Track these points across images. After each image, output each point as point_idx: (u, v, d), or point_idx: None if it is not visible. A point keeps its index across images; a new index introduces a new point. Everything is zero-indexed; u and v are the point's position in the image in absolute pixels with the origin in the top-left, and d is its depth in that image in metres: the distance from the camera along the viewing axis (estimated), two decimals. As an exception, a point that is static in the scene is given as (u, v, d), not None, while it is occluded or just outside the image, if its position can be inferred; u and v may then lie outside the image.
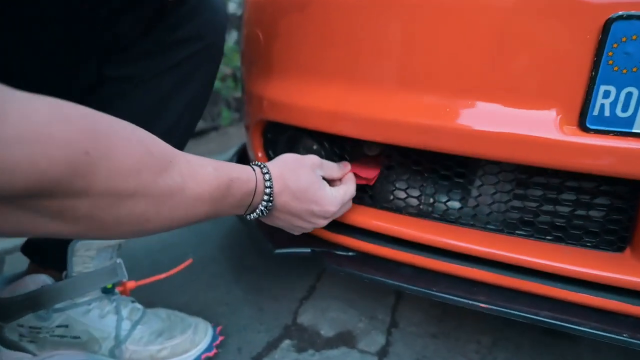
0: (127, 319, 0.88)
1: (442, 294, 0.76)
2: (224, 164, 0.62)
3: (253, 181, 0.64)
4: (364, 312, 1.03)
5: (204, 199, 0.55)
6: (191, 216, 0.55)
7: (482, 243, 0.74)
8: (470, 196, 0.77)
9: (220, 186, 0.58)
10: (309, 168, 0.71)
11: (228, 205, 0.61)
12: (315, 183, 0.70)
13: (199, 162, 0.57)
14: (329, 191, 0.73)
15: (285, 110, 0.85)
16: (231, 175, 0.60)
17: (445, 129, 0.67)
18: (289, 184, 0.68)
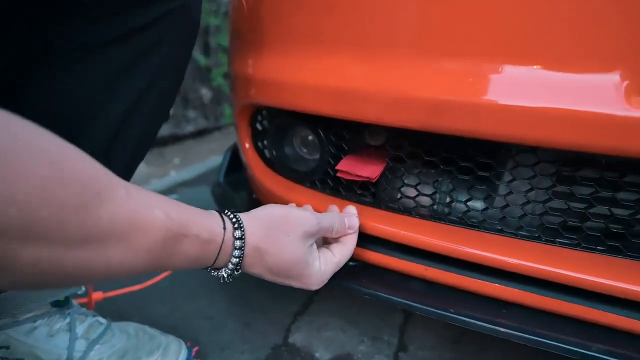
0: (83, 337, 0.73)
1: (461, 316, 0.60)
2: (182, 208, 0.47)
3: (216, 244, 0.50)
4: (367, 332, 0.87)
5: (138, 254, 0.41)
6: (112, 271, 0.41)
7: (512, 253, 0.58)
8: (497, 194, 0.60)
9: (166, 241, 0.44)
10: (299, 239, 0.56)
11: (174, 262, 0.47)
12: (301, 262, 0.57)
13: (146, 200, 0.43)
14: (318, 267, 0.60)
15: (274, 90, 0.70)
16: (186, 230, 0.46)
17: (468, 105, 0.51)
18: (266, 258, 0.54)
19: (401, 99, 0.55)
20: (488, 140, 0.54)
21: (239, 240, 0.52)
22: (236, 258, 0.52)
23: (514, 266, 0.57)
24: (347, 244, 0.65)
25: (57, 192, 0.33)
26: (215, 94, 2.27)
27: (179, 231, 0.45)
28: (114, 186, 0.39)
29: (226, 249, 0.51)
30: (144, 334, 0.79)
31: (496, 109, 0.50)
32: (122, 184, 0.41)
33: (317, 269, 0.59)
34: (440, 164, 0.62)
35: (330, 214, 0.63)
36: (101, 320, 0.77)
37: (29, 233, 0.32)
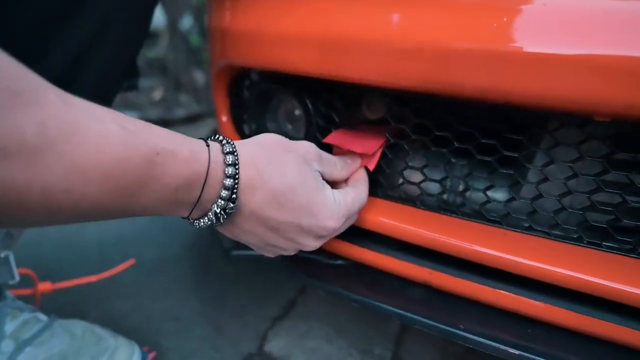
0: (12, 337, 0.60)
1: (474, 335, 0.46)
2: (148, 126, 0.35)
3: (202, 161, 0.37)
4: (356, 343, 0.72)
5: (88, 179, 0.31)
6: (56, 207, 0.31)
7: (544, 259, 0.44)
8: (527, 182, 0.46)
9: (129, 161, 0.32)
10: (302, 157, 0.45)
11: (149, 197, 0.35)
12: (309, 181, 0.44)
13: (92, 110, 0.32)
14: (331, 196, 0.46)
15: (252, 44, 0.56)
16: (157, 145, 0.34)
17: (492, 54, 0.37)
18: (265, 177, 0.41)
19: (407, 49, 0.41)
20: (519, 107, 0.40)
21: (231, 156, 0.39)
22: (230, 178, 0.39)
23: (545, 274, 0.44)
24: (357, 184, 0.51)
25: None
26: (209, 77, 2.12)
27: (146, 147, 0.33)
28: (43, 89, 0.30)
29: (215, 167, 0.38)
30: (92, 335, 0.66)
31: (525, 59, 0.36)
32: (56, 91, 0.30)
33: (331, 199, 0.46)
34: (454, 141, 0.47)
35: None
36: (40, 317, 0.64)
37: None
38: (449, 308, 0.50)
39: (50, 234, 1.06)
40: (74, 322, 0.67)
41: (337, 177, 0.50)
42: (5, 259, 0.60)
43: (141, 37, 0.61)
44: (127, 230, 1.10)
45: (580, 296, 0.43)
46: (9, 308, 0.62)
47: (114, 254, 1.00)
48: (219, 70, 0.67)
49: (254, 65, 0.58)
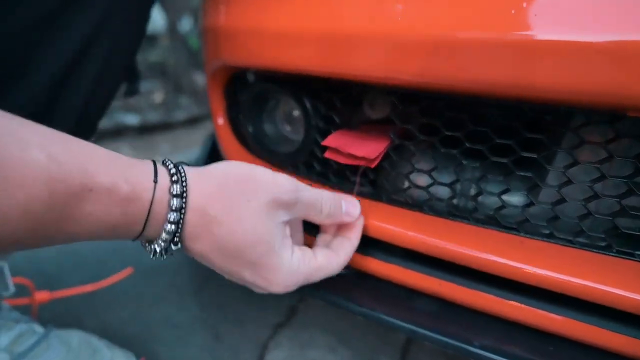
0: (6, 350, 0.56)
1: (490, 353, 0.41)
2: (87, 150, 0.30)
3: (144, 200, 0.32)
4: (361, 353, 0.67)
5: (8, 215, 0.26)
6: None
7: (568, 269, 0.39)
8: (546, 185, 0.41)
9: (53, 197, 0.27)
10: (264, 207, 0.37)
11: (79, 230, 0.30)
12: (262, 242, 0.37)
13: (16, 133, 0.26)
14: (288, 260, 0.39)
15: (248, 43, 0.51)
16: (92, 181, 0.29)
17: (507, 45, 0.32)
18: (213, 228, 0.35)
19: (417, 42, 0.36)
20: (541, 103, 0.35)
21: (177, 199, 0.33)
22: (172, 224, 0.34)
23: (568, 286, 0.38)
24: (338, 252, 0.44)
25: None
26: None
27: (78, 183, 0.28)
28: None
29: (159, 210, 0.33)
30: (88, 346, 0.62)
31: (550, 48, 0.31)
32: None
33: (286, 263, 0.39)
34: (466, 141, 0.42)
35: (319, 190, 0.43)
36: (36, 329, 0.60)
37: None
38: (461, 322, 0.45)
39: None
40: (71, 332, 0.63)
41: (318, 223, 0.44)
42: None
43: (138, 39, 0.57)
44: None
45: (609, 312, 0.37)
46: (3, 320, 0.58)
47: (113, 259, 0.95)
48: (214, 71, 0.62)
49: (250, 65, 0.53)
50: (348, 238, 0.45)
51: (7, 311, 0.60)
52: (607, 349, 0.39)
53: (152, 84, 2.06)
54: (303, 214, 0.40)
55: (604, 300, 0.37)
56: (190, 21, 2.11)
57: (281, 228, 0.38)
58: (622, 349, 0.38)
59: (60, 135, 0.29)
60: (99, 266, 0.92)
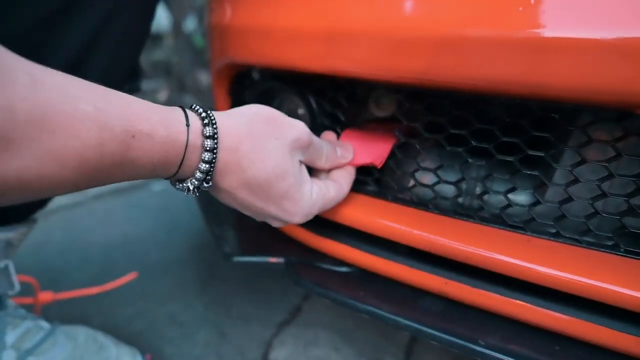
0: (13, 347, 0.55)
1: (496, 352, 0.40)
2: (125, 100, 0.32)
3: (180, 142, 0.34)
4: (365, 352, 0.67)
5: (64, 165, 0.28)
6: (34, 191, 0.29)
7: (575, 268, 0.38)
8: (553, 184, 0.40)
9: (104, 145, 0.30)
10: (288, 146, 0.40)
11: (126, 175, 0.33)
12: (288, 175, 0.40)
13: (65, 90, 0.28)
14: (308, 192, 0.43)
15: (254, 41, 0.50)
16: (133, 128, 0.31)
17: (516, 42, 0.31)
18: (244, 164, 0.38)
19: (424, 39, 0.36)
20: (548, 101, 0.35)
21: (210, 140, 0.35)
22: (206, 164, 0.36)
23: (575, 286, 0.38)
24: (341, 181, 0.48)
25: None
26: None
27: (122, 130, 0.30)
28: (12, 68, 0.26)
29: (193, 151, 0.35)
30: (94, 343, 0.61)
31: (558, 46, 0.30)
32: (26, 67, 0.27)
33: (307, 194, 0.43)
34: (472, 139, 0.42)
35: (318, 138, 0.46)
36: (43, 325, 0.59)
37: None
38: (467, 321, 0.44)
39: (55, 237, 1.01)
40: (77, 328, 0.63)
41: (319, 167, 0.47)
42: (4, 269, 0.56)
43: (142, 38, 0.57)
44: (131, 232, 1.05)
45: (617, 311, 0.37)
46: (10, 317, 0.57)
47: (118, 256, 0.95)
48: (219, 69, 0.61)
49: (256, 63, 0.52)
50: (345, 170, 0.48)
51: (12, 308, 0.60)
52: (613, 349, 0.38)
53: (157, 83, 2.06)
54: (310, 158, 0.44)
55: (611, 300, 0.37)
56: (194, 20, 2.11)
57: (300, 166, 0.42)
58: (629, 349, 0.37)
59: (101, 88, 0.31)
60: (105, 263, 0.92)
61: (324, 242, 0.54)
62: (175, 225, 1.08)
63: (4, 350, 0.55)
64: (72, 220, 1.11)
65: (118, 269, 0.89)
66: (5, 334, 0.56)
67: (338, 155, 0.47)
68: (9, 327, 0.57)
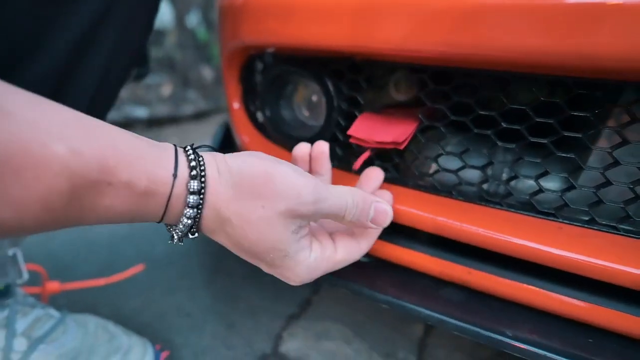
0: (24, 335, 0.54)
1: (525, 344, 0.38)
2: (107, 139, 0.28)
3: (159, 197, 0.30)
4: (377, 346, 0.64)
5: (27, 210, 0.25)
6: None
7: (611, 256, 0.35)
8: (587, 167, 0.38)
9: (75, 191, 0.26)
10: (278, 216, 0.33)
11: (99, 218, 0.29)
12: (275, 249, 0.34)
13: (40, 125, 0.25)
14: (306, 260, 0.36)
15: (270, 21, 0.48)
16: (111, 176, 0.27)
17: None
18: (229, 230, 0.33)
19: (450, 10, 0.33)
20: (585, 76, 0.32)
21: (194, 196, 0.31)
22: (189, 219, 0.32)
23: (611, 274, 0.35)
24: (360, 241, 0.41)
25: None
26: (217, 73, 2.04)
27: (97, 177, 0.27)
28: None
29: (176, 204, 0.31)
30: (105, 332, 0.60)
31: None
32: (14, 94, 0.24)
33: (303, 264, 0.36)
34: (501, 121, 0.39)
35: (346, 190, 0.37)
36: (52, 313, 0.58)
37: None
38: (491, 312, 0.42)
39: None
40: (87, 316, 0.61)
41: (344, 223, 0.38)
42: (13, 257, 0.53)
43: (149, 20, 0.54)
44: (137, 225, 1.02)
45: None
46: (19, 305, 0.55)
47: (124, 247, 0.92)
48: (230, 54, 0.59)
49: (272, 44, 0.49)
50: (372, 232, 0.41)
51: (21, 297, 0.58)
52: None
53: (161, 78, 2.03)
54: (327, 215, 0.36)
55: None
56: (198, 15, 2.08)
57: (296, 233, 0.35)
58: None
59: (84, 122, 0.27)
60: (111, 254, 0.89)
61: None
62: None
63: (15, 337, 0.53)
64: (76, 211, 1.09)
65: (124, 261, 0.87)
66: (15, 321, 0.54)
67: (368, 218, 0.38)
68: (19, 315, 0.55)
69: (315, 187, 0.34)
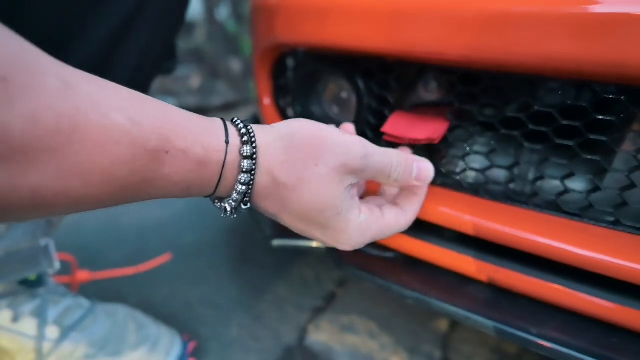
0: (56, 323, 0.58)
1: (551, 343, 0.40)
2: (161, 111, 0.30)
3: (216, 162, 0.32)
4: (402, 340, 0.67)
5: (88, 182, 0.26)
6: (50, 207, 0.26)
7: (636, 257, 0.37)
8: (613, 170, 0.40)
9: (136, 161, 0.27)
10: (333, 173, 0.35)
11: (155, 192, 0.31)
12: (330, 207, 0.36)
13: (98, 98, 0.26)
14: (356, 220, 0.38)
15: (305, 21, 0.51)
16: (168, 143, 0.29)
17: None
18: (283, 192, 0.34)
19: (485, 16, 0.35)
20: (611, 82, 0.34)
21: (248, 161, 0.33)
22: (243, 185, 0.33)
23: (635, 275, 0.37)
24: (406, 210, 0.42)
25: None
26: (245, 65, 2.10)
27: (155, 145, 0.28)
28: (42, 72, 0.24)
29: (230, 171, 0.33)
30: (134, 322, 0.63)
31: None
32: (58, 70, 0.25)
33: (354, 225, 0.37)
34: (529, 123, 0.41)
35: (390, 150, 0.39)
36: (82, 303, 0.62)
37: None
38: (517, 309, 0.44)
39: (91, 217, 1.05)
40: (116, 306, 0.65)
41: (389, 185, 0.41)
42: (45, 248, 0.58)
43: (181, 14, 0.57)
44: (165, 214, 1.07)
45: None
46: (50, 294, 0.59)
47: (153, 237, 0.98)
48: (263, 52, 0.62)
49: (306, 43, 0.52)
50: (415, 193, 0.43)
51: (53, 286, 0.62)
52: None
53: (190, 69, 2.10)
54: (370, 178, 0.39)
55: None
56: (227, 7, 2.13)
57: (348, 191, 0.37)
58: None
59: (137, 95, 0.29)
60: (140, 244, 0.94)
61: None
62: (207, 209, 1.11)
63: (47, 325, 0.57)
64: (107, 202, 1.15)
65: (152, 250, 0.92)
66: (47, 310, 0.58)
67: (412, 175, 0.40)
68: (51, 304, 0.59)
69: (362, 143, 0.36)
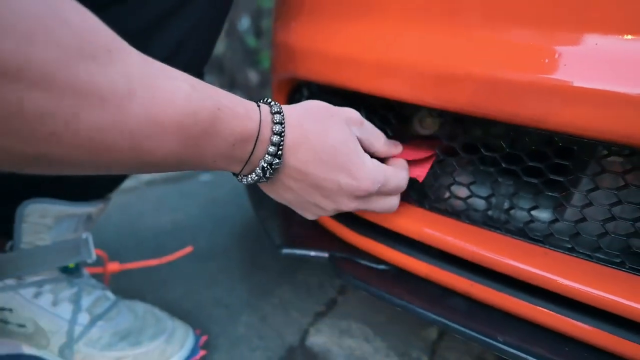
0: (87, 310, 0.67)
1: (510, 348, 0.48)
2: (210, 85, 0.39)
3: (254, 119, 0.42)
4: (394, 345, 0.76)
5: (166, 127, 0.34)
6: (141, 151, 0.34)
7: (585, 279, 0.46)
8: (571, 204, 0.48)
9: (198, 114, 0.36)
10: (343, 121, 0.48)
11: (211, 149, 0.39)
12: (349, 142, 0.48)
13: (166, 70, 0.36)
14: (369, 160, 0.49)
15: (316, 63, 0.60)
16: (219, 102, 0.38)
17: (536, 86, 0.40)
18: (309, 135, 0.45)
19: (456, 76, 0.45)
20: (565, 135, 0.43)
21: (278, 115, 0.44)
22: (276, 135, 0.43)
23: (583, 295, 0.46)
24: (397, 167, 0.53)
25: (59, 33, 0.27)
26: (263, 77, 2.21)
27: (211, 104, 0.37)
28: (128, 49, 0.33)
29: (265, 125, 0.43)
30: (152, 316, 0.73)
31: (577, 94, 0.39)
32: (138, 52, 0.34)
33: (369, 162, 0.49)
34: (502, 161, 0.50)
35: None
36: (109, 296, 0.71)
37: (30, 74, 0.26)
38: (488, 320, 0.53)
39: (112, 219, 1.15)
40: (136, 302, 0.74)
41: (377, 148, 0.52)
42: (85, 240, 0.67)
43: (219, 21, 0.65)
44: (181, 219, 1.17)
45: (620, 320, 0.44)
46: (85, 284, 0.69)
47: (169, 240, 1.07)
48: (281, 81, 0.72)
49: (314, 80, 0.62)
50: (401, 164, 0.54)
51: (87, 277, 0.72)
52: (614, 352, 0.46)
53: (209, 78, 2.22)
54: (367, 137, 0.51)
55: (614, 309, 0.44)
56: (248, 21, 2.25)
57: (357, 139, 0.49)
58: (626, 352, 0.44)
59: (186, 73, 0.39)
60: (156, 246, 1.04)
61: (365, 241, 0.63)
62: (221, 215, 1.20)
63: (80, 312, 0.66)
64: (127, 204, 1.25)
65: (169, 251, 1.01)
66: (81, 298, 0.67)
67: (391, 143, 0.54)
68: (84, 294, 0.68)
69: (356, 112, 0.50)
